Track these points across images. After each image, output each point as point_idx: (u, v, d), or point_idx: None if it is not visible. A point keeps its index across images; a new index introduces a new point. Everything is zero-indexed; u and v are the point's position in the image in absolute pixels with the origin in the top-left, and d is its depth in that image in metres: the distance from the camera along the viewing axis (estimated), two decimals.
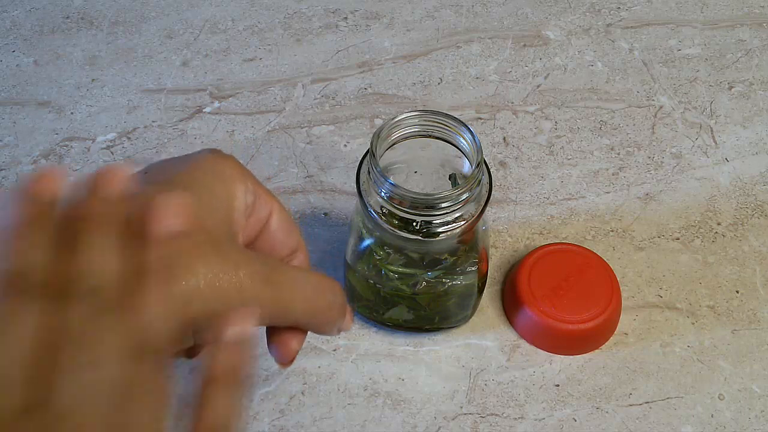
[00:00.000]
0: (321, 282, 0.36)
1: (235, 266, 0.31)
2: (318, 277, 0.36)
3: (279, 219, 0.37)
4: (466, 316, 0.50)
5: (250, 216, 0.35)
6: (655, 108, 0.63)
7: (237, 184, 0.34)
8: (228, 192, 0.34)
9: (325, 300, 0.35)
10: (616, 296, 0.50)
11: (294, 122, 0.61)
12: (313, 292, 0.35)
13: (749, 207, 0.57)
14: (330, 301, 0.36)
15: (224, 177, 0.34)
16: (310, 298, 0.35)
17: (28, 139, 0.60)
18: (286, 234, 0.37)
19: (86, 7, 0.68)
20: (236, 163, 0.35)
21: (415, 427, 0.47)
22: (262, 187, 0.36)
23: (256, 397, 0.48)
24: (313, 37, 0.67)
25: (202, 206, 0.32)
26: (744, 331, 0.52)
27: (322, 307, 0.35)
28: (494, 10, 0.69)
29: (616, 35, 0.68)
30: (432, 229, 0.43)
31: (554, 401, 0.49)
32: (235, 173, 0.35)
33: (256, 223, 0.36)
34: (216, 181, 0.34)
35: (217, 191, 0.34)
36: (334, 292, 0.36)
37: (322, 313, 0.36)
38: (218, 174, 0.34)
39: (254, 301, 0.32)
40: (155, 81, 0.63)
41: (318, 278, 0.36)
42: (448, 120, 0.43)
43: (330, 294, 0.36)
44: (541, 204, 0.57)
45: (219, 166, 0.34)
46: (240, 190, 0.34)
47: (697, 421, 0.48)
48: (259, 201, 0.36)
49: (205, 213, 0.32)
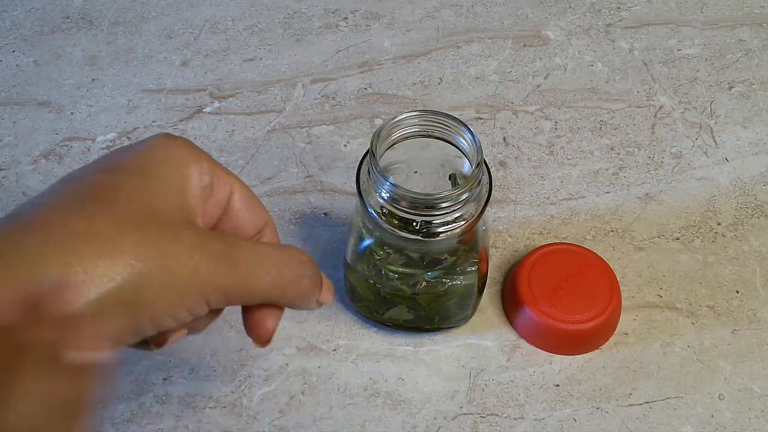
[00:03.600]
0: (285, 253, 0.35)
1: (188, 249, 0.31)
2: (282, 249, 0.35)
3: (241, 198, 0.36)
4: (466, 316, 0.50)
5: (209, 198, 0.35)
6: (655, 108, 0.63)
7: (190, 167, 0.34)
8: (180, 175, 0.33)
9: (291, 272, 0.34)
10: (616, 296, 0.50)
11: (294, 122, 0.61)
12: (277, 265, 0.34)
13: (749, 207, 0.57)
14: (298, 272, 0.35)
15: (175, 160, 0.33)
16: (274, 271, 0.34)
17: (28, 139, 0.60)
18: (250, 213, 0.37)
19: (86, 7, 0.68)
20: (188, 145, 0.34)
21: (415, 427, 0.47)
22: (219, 167, 0.35)
23: (256, 397, 0.48)
24: (313, 37, 0.67)
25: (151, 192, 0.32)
26: (744, 331, 0.52)
27: (290, 280, 0.34)
28: (494, 10, 0.69)
29: (616, 35, 0.68)
30: (432, 229, 0.43)
31: (554, 401, 0.49)
32: (187, 155, 0.34)
33: (216, 204, 0.35)
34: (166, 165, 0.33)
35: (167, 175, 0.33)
36: (301, 263, 0.35)
37: (292, 287, 0.35)
38: (169, 158, 0.33)
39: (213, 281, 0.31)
40: (155, 81, 0.63)
41: (282, 250, 0.35)
42: (448, 120, 0.43)
43: (296, 265, 0.35)
44: (541, 204, 0.57)
45: (169, 149, 0.34)
46: (194, 172, 0.34)
47: (697, 421, 0.48)
48: (218, 181, 0.35)
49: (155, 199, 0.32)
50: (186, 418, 0.47)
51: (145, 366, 0.49)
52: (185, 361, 0.49)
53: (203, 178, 0.34)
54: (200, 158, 0.34)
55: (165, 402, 0.48)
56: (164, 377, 0.49)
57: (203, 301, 0.32)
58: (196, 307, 0.32)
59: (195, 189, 0.34)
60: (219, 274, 0.32)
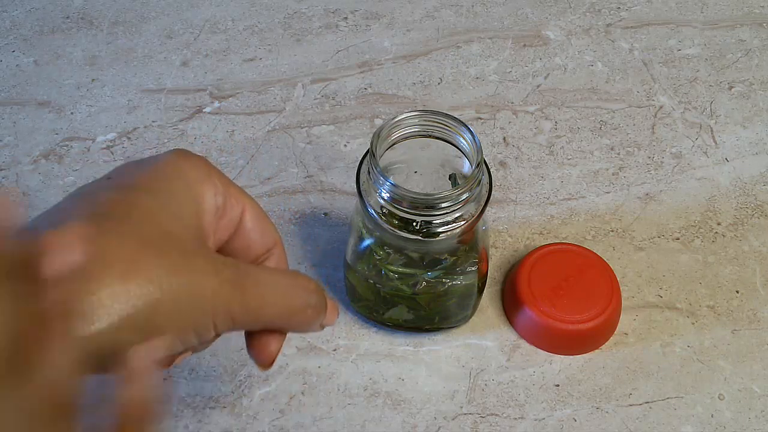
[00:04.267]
0: (294, 282, 0.35)
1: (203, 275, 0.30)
2: (291, 278, 0.35)
3: (252, 217, 0.36)
4: (466, 316, 0.50)
5: (222, 217, 0.34)
6: (655, 108, 0.63)
7: (204, 186, 0.33)
8: (194, 195, 0.33)
9: (299, 300, 0.35)
10: (616, 296, 0.50)
11: (294, 122, 0.61)
12: (285, 294, 0.34)
13: (749, 207, 0.57)
14: (304, 301, 0.35)
15: (189, 180, 0.33)
16: (282, 300, 0.34)
17: (28, 139, 0.60)
18: (261, 232, 0.36)
19: (86, 7, 0.68)
20: (203, 164, 0.34)
21: (415, 427, 0.47)
22: (233, 186, 0.35)
23: (256, 397, 0.48)
24: (313, 37, 0.67)
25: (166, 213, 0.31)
26: (744, 331, 0.52)
27: (297, 308, 0.35)
28: (494, 10, 0.69)
29: (616, 35, 0.68)
30: (432, 229, 0.43)
31: (554, 401, 0.49)
32: (202, 175, 0.33)
33: (228, 224, 0.35)
34: (181, 184, 0.33)
35: (182, 195, 0.32)
36: (308, 291, 0.35)
37: (298, 314, 0.35)
38: (183, 177, 0.33)
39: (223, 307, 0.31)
40: (155, 81, 0.63)
41: (291, 279, 0.35)
42: (448, 120, 0.43)
43: (304, 293, 0.35)
44: (541, 204, 0.57)
45: (184, 168, 0.33)
46: (208, 192, 0.33)
47: (697, 421, 0.48)
48: (230, 201, 0.35)
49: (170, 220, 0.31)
50: (186, 418, 0.47)
51: None
52: (185, 361, 0.49)
53: (218, 198, 0.34)
54: (214, 177, 0.34)
55: (165, 402, 0.48)
56: (164, 377, 0.49)
57: (212, 327, 0.32)
58: (205, 332, 0.31)
59: (209, 209, 0.33)
60: (230, 300, 0.31)
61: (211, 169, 0.34)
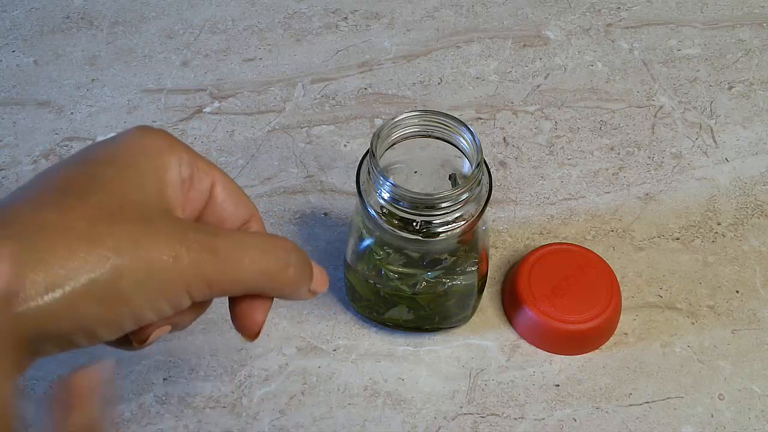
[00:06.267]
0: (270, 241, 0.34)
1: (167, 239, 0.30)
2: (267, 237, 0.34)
3: (224, 189, 0.36)
4: (466, 316, 0.50)
5: (189, 189, 0.34)
6: (655, 108, 0.63)
7: (167, 158, 0.33)
8: (157, 166, 0.33)
9: (277, 259, 0.34)
10: (616, 296, 0.50)
11: (294, 122, 0.61)
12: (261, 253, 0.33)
13: (749, 207, 0.57)
14: (284, 260, 0.34)
15: (151, 151, 0.33)
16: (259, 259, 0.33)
17: (28, 139, 0.60)
18: (234, 204, 0.36)
19: (86, 7, 0.68)
20: (166, 136, 0.34)
21: (415, 427, 0.47)
22: (200, 159, 0.35)
23: (256, 397, 0.48)
24: (313, 37, 0.67)
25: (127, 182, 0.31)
26: (744, 331, 0.52)
27: (277, 268, 0.34)
28: (494, 10, 0.69)
29: (616, 35, 0.68)
30: (432, 229, 0.43)
31: (554, 401, 0.49)
32: (163, 145, 0.33)
33: (197, 197, 0.35)
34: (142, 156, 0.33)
35: (143, 167, 0.32)
36: (286, 251, 0.34)
37: (278, 275, 0.34)
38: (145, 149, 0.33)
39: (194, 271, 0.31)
40: (155, 81, 0.63)
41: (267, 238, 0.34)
42: (448, 120, 0.43)
43: (282, 253, 0.34)
44: (541, 204, 0.57)
45: (146, 140, 0.33)
46: (172, 163, 0.33)
47: (697, 421, 0.48)
48: (198, 173, 0.35)
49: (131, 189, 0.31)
50: (186, 418, 0.47)
51: (145, 366, 0.49)
52: (185, 361, 0.49)
53: (183, 169, 0.34)
54: (178, 149, 0.34)
55: (165, 402, 0.48)
56: (164, 377, 0.49)
57: (185, 293, 0.31)
58: (178, 300, 0.31)
59: (174, 180, 0.33)
60: (201, 264, 0.31)
61: (174, 141, 0.34)
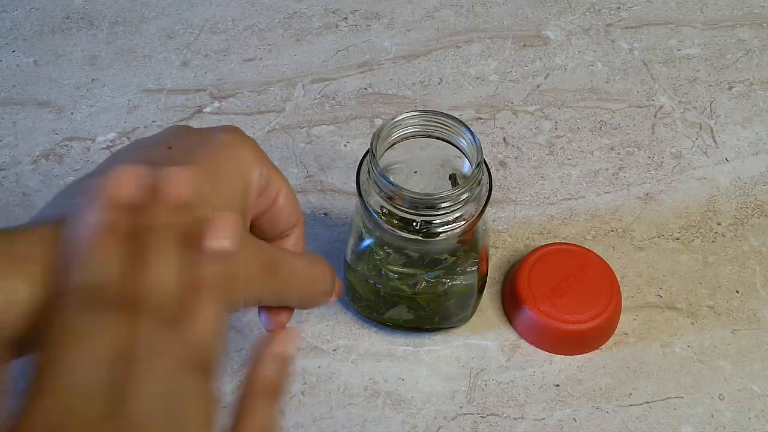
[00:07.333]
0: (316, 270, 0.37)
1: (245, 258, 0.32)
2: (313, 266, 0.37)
3: (286, 198, 0.39)
4: (466, 316, 0.50)
5: (260, 196, 0.37)
6: (655, 108, 0.63)
7: (253, 170, 0.36)
8: (244, 178, 0.35)
9: (318, 288, 0.38)
10: (616, 296, 0.50)
11: (294, 122, 0.61)
12: (308, 281, 0.37)
13: (749, 207, 0.57)
14: (323, 287, 0.38)
15: (242, 163, 0.36)
16: (305, 287, 0.37)
17: (28, 139, 0.60)
18: (289, 213, 0.39)
19: (86, 7, 0.68)
20: (255, 148, 0.37)
21: (415, 427, 0.47)
22: (274, 170, 0.38)
23: None
24: (313, 37, 0.67)
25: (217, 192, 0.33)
26: (744, 331, 0.52)
27: (317, 294, 0.38)
28: (494, 10, 0.69)
29: (616, 35, 0.68)
30: (432, 229, 0.43)
31: (554, 401, 0.49)
32: (253, 159, 0.36)
33: (263, 202, 0.38)
34: (234, 166, 0.35)
35: (234, 177, 0.35)
36: (325, 279, 0.38)
37: (316, 299, 0.38)
38: (237, 159, 0.35)
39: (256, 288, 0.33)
40: (155, 81, 0.63)
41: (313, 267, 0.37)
42: (448, 120, 0.43)
43: (322, 282, 0.38)
44: (541, 204, 0.57)
45: (239, 150, 0.36)
46: (255, 175, 0.36)
47: (697, 421, 0.48)
48: (270, 184, 0.37)
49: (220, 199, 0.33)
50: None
51: None
52: None
53: (261, 180, 0.36)
54: (261, 162, 0.37)
55: None
56: None
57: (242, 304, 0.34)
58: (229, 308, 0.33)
59: (253, 192, 0.36)
60: (261, 285, 0.34)
61: (260, 154, 0.37)
